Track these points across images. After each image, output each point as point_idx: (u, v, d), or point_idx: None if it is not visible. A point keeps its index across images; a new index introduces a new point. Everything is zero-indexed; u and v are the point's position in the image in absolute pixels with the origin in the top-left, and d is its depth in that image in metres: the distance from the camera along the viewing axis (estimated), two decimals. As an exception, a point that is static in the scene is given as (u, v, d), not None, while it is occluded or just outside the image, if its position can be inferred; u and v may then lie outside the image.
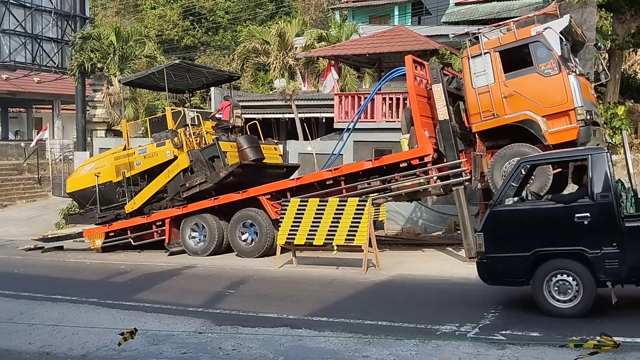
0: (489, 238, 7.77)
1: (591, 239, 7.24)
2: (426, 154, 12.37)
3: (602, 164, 7.40)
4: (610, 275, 7.19)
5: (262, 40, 25.36)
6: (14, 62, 31.60)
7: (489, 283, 8.05)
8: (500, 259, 7.69)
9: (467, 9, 27.40)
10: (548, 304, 7.40)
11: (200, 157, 14.82)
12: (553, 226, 7.53)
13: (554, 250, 7.44)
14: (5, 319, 8.28)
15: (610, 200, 7.21)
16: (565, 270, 7.32)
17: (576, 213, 7.31)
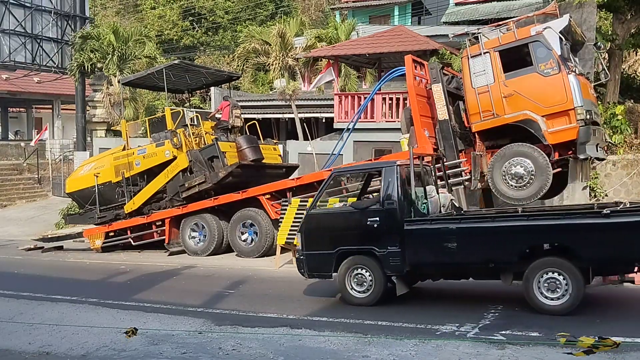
0: (305, 238, 8.94)
1: (379, 239, 8.39)
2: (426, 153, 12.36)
3: (391, 176, 8.47)
4: (395, 270, 8.34)
5: (262, 40, 25.35)
6: (14, 62, 31.56)
7: (306, 277, 9.14)
8: (313, 256, 8.88)
9: (467, 9, 27.41)
10: (349, 295, 8.62)
11: (200, 158, 14.81)
12: (352, 228, 8.71)
13: (353, 248, 8.65)
14: (5, 318, 8.27)
15: (394, 207, 8.33)
16: (361, 265, 8.52)
17: (368, 217, 8.46)
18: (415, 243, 8.21)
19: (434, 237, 8.17)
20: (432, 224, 8.40)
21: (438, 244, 8.07)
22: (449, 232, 8.07)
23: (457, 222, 8.39)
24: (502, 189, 11.58)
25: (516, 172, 11.34)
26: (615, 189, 15.58)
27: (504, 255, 7.83)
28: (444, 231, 8.13)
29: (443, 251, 8.03)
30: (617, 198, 15.57)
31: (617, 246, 7.38)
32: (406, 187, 8.47)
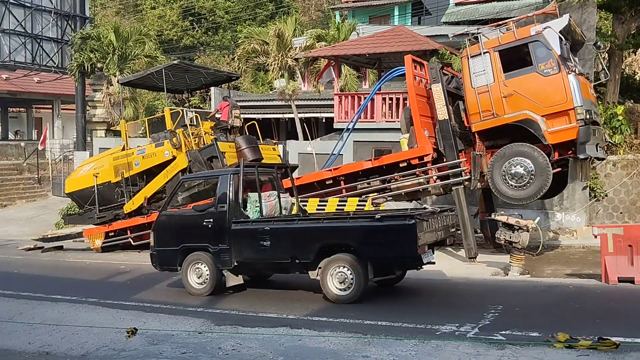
0: (156, 235, 10.17)
1: (213, 238, 9.58)
2: (426, 153, 12.37)
3: (225, 183, 9.73)
4: (225, 265, 9.51)
5: (262, 41, 25.35)
6: (14, 62, 31.60)
7: (158, 269, 10.30)
8: (163, 252, 10.08)
9: (467, 9, 27.40)
10: (190, 286, 9.71)
11: (199, 158, 14.81)
12: (193, 228, 9.83)
13: (193, 246, 9.78)
14: (5, 318, 8.28)
15: (224, 210, 9.54)
16: (200, 260, 9.67)
17: (204, 219, 9.67)
18: (239, 241, 9.46)
19: (252, 237, 9.33)
20: (251, 225, 9.52)
21: (256, 243, 9.26)
22: (264, 232, 9.23)
23: (270, 224, 9.42)
24: (502, 189, 11.59)
25: (516, 172, 11.35)
26: (615, 189, 15.58)
27: (304, 253, 8.96)
28: (260, 231, 9.27)
29: (260, 249, 9.23)
30: (617, 198, 15.59)
31: (388, 245, 8.59)
32: (239, 193, 9.72)
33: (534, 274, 10.79)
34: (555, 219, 15.42)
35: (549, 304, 8.34)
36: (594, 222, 15.01)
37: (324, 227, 9.20)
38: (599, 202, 15.63)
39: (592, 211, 15.52)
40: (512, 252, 10.94)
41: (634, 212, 15.37)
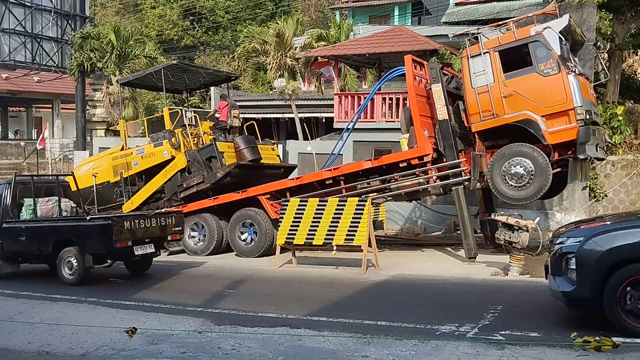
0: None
1: None
2: (425, 153, 12.37)
3: (2, 190, 12.13)
4: None
5: (262, 40, 25.35)
6: (13, 61, 31.60)
7: None
8: None
9: (467, 9, 27.39)
10: None
11: (198, 158, 14.81)
12: None
13: None
14: (4, 318, 8.28)
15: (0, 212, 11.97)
16: None
17: None
18: (7, 237, 11.81)
19: (15, 233, 11.71)
20: (14, 225, 11.82)
21: (17, 238, 11.66)
22: (21, 230, 11.68)
23: (25, 224, 11.82)
24: (502, 189, 11.59)
25: (516, 172, 11.35)
26: (615, 189, 15.59)
27: (45, 246, 11.30)
28: (19, 229, 11.71)
29: (19, 243, 11.64)
30: (617, 198, 15.59)
31: (96, 241, 10.87)
32: (9, 198, 12.02)
33: (533, 274, 10.78)
34: (555, 219, 15.42)
35: (548, 304, 8.33)
36: (593, 222, 14.98)
37: (57, 226, 11.63)
38: (598, 202, 15.63)
39: (592, 211, 15.52)
40: (512, 252, 10.94)
41: (633, 212, 15.37)
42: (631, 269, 6.14)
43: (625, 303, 6.14)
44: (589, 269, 6.40)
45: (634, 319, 6.13)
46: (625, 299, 6.12)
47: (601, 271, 6.30)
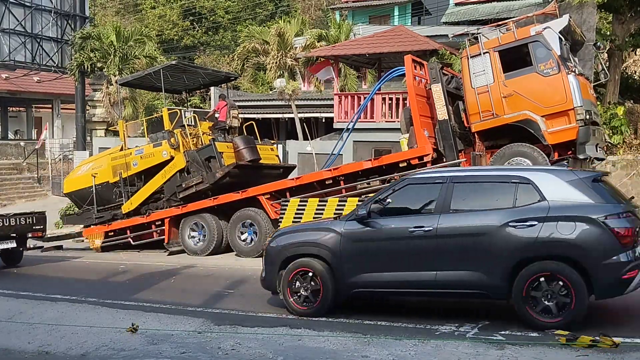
0: None
1: None
2: (425, 153, 12.37)
3: None
4: None
5: (262, 40, 25.36)
6: (13, 62, 31.61)
7: None
8: None
9: (467, 9, 27.40)
10: None
11: (197, 158, 14.81)
12: None
13: None
14: (4, 318, 8.27)
15: None
16: None
17: None
18: None
19: None
20: None
21: None
22: None
23: None
24: (502, 189, 11.56)
25: None
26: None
27: None
28: None
29: None
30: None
31: None
32: None
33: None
34: (554, 219, 15.39)
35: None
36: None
37: None
38: None
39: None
40: (512, 252, 10.91)
41: (633, 212, 15.36)
42: (297, 262, 7.88)
43: (293, 287, 7.90)
44: (272, 261, 8.13)
45: (297, 298, 7.89)
46: (294, 284, 7.89)
47: (278, 263, 8.03)
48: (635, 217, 6.79)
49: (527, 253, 6.69)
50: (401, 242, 7.29)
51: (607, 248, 6.47)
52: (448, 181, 7.32)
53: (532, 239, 6.65)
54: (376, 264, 7.45)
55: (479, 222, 6.98)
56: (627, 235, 6.49)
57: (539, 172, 7.29)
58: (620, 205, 6.71)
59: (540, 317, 6.64)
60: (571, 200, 6.73)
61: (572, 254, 6.55)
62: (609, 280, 6.51)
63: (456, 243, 7.03)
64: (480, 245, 6.89)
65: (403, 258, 7.30)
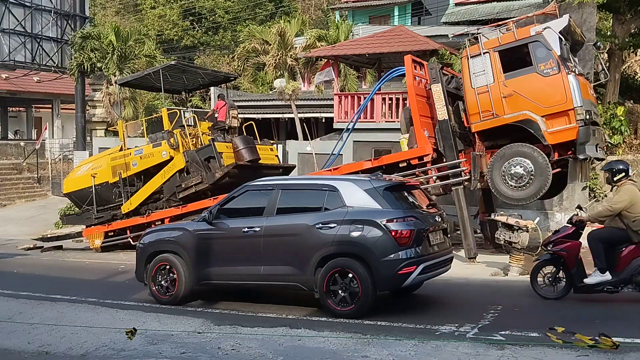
0: None
1: None
2: (425, 153, 12.37)
3: None
4: None
5: (262, 40, 25.35)
6: (13, 62, 31.55)
7: None
8: None
9: (467, 10, 27.39)
10: None
11: (196, 158, 14.81)
12: None
13: None
14: (4, 318, 8.26)
15: None
16: None
17: None
18: None
19: None
20: None
21: None
22: None
23: None
24: (502, 189, 11.59)
25: (516, 172, 11.35)
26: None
27: None
28: None
29: None
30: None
31: None
32: None
33: (533, 274, 10.77)
34: (554, 219, 15.41)
35: (548, 304, 8.34)
36: (593, 222, 14.98)
37: None
38: (598, 202, 15.61)
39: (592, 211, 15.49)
40: (512, 252, 10.94)
41: (633, 212, 15.34)
42: (158, 258, 8.98)
43: (156, 279, 9.00)
44: (140, 257, 9.25)
45: (160, 288, 8.96)
46: (157, 276, 8.97)
47: (144, 258, 9.17)
48: (420, 221, 7.77)
49: (327, 251, 7.74)
50: (237, 241, 8.40)
51: (386, 247, 7.48)
52: (276, 188, 8.46)
53: (331, 239, 7.73)
54: (218, 259, 8.55)
55: (295, 223, 8.09)
56: (405, 237, 7.49)
57: (343, 181, 8.38)
58: (403, 211, 7.77)
59: (338, 306, 7.70)
60: (364, 206, 7.81)
61: (359, 252, 7.60)
62: (387, 274, 7.51)
63: (278, 242, 8.12)
64: (295, 244, 7.96)
65: (238, 254, 8.41)
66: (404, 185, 8.58)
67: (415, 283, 8.10)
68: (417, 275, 7.62)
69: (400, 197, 8.17)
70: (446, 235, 8.55)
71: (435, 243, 8.03)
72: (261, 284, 8.64)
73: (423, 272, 7.69)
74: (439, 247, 8.09)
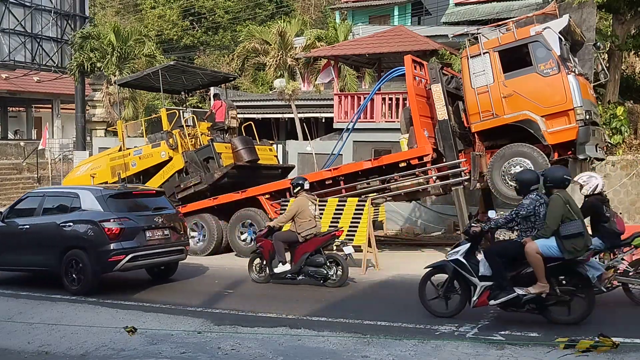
0: None
1: None
2: (425, 153, 12.37)
3: None
4: None
5: (262, 40, 25.35)
6: (13, 61, 31.58)
7: None
8: None
9: (467, 10, 27.39)
10: None
11: (195, 158, 14.80)
12: None
13: None
14: (4, 318, 8.27)
15: None
16: None
17: None
18: None
19: None
20: None
21: None
22: None
23: None
24: (502, 189, 11.59)
25: (515, 172, 11.34)
26: (615, 189, 15.58)
27: None
28: None
29: None
30: (616, 199, 15.58)
31: None
32: None
33: (533, 274, 10.76)
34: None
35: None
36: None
37: None
38: None
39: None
40: (512, 252, 10.91)
41: (633, 212, 15.37)
42: None
43: None
44: None
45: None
46: None
47: None
48: (133, 221, 9.99)
49: (66, 244, 9.96)
50: (18, 235, 10.57)
51: (101, 241, 9.69)
52: (45, 195, 10.90)
53: (69, 235, 9.95)
54: (8, 249, 10.72)
55: (48, 222, 10.29)
56: (115, 233, 9.70)
57: (83, 189, 10.75)
58: (117, 213, 9.92)
59: (71, 285, 9.94)
60: (93, 209, 10.01)
61: (84, 244, 9.83)
62: (101, 261, 9.78)
63: (38, 236, 10.29)
64: (48, 238, 10.15)
65: (17, 246, 10.60)
66: (130, 193, 10.77)
67: (137, 268, 10.44)
68: (127, 262, 9.86)
69: (123, 203, 10.36)
70: (178, 232, 10.73)
71: (155, 238, 10.24)
72: (30, 269, 11.03)
73: (133, 260, 9.92)
74: (159, 241, 10.31)
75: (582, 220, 7.04)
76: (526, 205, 7.19)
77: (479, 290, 7.28)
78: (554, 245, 6.87)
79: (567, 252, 6.80)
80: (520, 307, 7.18)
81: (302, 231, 10.25)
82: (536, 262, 6.87)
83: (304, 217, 10.28)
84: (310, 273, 10.17)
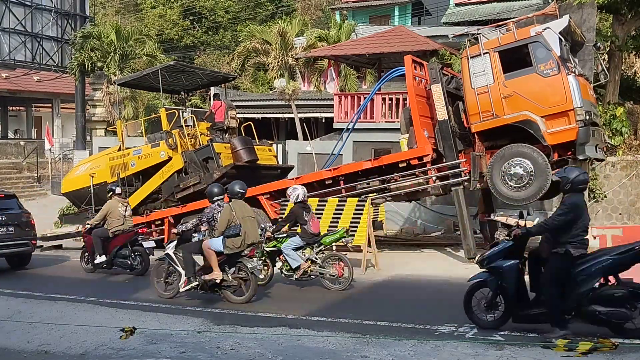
0: None
1: None
2: (425, 154, 12.37)
3: None
4: None
5: (262, 40, 25.34)
6: (13, 61, 31.57)
7: None
8: None
9: (467, 10, 27.40)
10: None
11: (194, 158, 14.80)
12: None
13: None
14: (3, 317, 8.27)
15: None
16: None
17: None
18: None
19: None
20: None
21: None
22: None
23: None
24: (502, 190, 11.59)
25: (515, 172, 11.35)
26: (615, 190, 15.59)
27: None
28: None
29: None
30: (616, 199, 15.59)
31: None
32: None
33: (533, 274, 10.76)
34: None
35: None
36: (593, 223, 14.97)
37: None
38: (598, 203, 15.63)
39: (591, 212, 15.48)
40: (511, 252, 10.90)
41: (633, 213, 15.38)
42: None
43: None
44: None
45: None
46: None
47: None
48: None
49: None
50: None
51: None
52: None
53: None
54: None
55: None
56: None
57: None
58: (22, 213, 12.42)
59: None
60: None
61: None
62: None
63: None
64: None
65: None
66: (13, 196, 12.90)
67: None
68: None
69: None
70: (23, 229, 12.67)
71: None
72: None
73: None
74: (2, 236, 12.27)
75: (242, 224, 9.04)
76: None
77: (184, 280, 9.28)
78: (220, 243, 8.95)
79: (227, 248, 8.91)
80: (208, 290, 9.05)
81: (111, 228, 12.24)
82: (209, 255, 9.05)
83: (114, 217, 12.34)
84: (118, 263, 12.10)
